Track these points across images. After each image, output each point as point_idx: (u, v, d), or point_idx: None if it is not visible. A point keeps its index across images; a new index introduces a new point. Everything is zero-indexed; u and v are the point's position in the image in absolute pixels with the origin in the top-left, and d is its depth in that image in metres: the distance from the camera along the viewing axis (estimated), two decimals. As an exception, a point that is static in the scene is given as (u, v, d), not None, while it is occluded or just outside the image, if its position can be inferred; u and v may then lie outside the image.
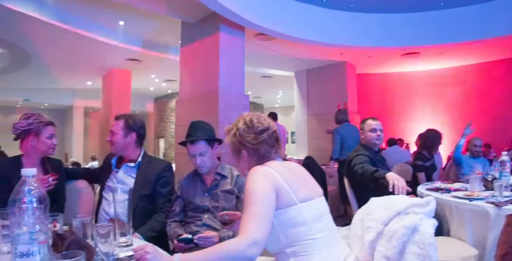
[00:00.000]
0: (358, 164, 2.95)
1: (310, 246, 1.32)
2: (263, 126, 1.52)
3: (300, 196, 1.36)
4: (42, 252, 0.77)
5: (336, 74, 9.14)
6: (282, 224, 1.33)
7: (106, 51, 8.27)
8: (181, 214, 2.19)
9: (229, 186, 2.13)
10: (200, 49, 5.80)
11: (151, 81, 12.05)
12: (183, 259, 1.16)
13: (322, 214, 1.42)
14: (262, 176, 1.34)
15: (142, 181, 2.25)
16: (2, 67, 10.34)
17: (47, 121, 2.24)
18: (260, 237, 1.18)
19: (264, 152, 1.50)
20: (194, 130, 2.19)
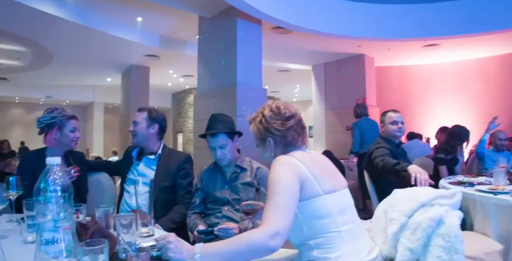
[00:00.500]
0: (379, 157, 2.91)
1: (335, 238, 1.30)
2: (290, 112, 1.49)
3: (325, 187, 1.33)
4: (66, 239, 0.78)
5: (354, 67, 9.00)
6: (306, 215, 1.31)
7: (125, 47, 8.37)
8: (201, 206, 2.20)
9: (248, 179, 2.13)
10: (217, 44, 5.80)
11: (169, 77, 12.15)
12: (204, 249, 1.16)
13: (347, 207, 1.40)
14: (287, 166, 1.32)
15: (163, 172, 2.28)
16: (25, 65, 10.59)
17: (70, 115, 2.28)
18: (282, 228, 1.16)
19: (291, 139, 1.47)
20: (214, 123, 2.18)
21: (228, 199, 2.11)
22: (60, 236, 0.78)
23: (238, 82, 5.33)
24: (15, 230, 1.55)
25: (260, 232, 1.16)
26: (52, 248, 0.77)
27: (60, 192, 0.91)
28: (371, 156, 3.05)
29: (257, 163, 2.25)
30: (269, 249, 1.14)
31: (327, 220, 1.31)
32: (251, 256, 1.20)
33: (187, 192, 2.29)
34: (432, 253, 1.30)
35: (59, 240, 0.78)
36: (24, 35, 7.70)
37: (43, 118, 2.23)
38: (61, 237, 0.78)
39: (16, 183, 1.64)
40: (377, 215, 1.54)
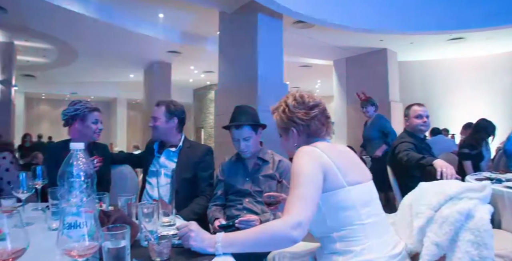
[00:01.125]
0: (403, 152, 2.84)
1: (358, 231, 1.27)
2: (314, 101, 1.46)
3: (349, 179, 1.29)
4: (89, 224, 0.78)
5: (376, 62, 8.84)
6: (329, 207, 1.28)
7: (147, 44, 8.49)
8: (222, 198, 2.20)
9: (270, 171, 2.11)
10: (238, 39, 5.79)
11: (191, 73, 12.25)
12: (225, 238, 1.15)
13: (371, 199, 1.35)
14: (310, 157, 1.29)
15: (184, 165, 2.29)
16: (51, 62, 10.89)
17: (93, 107, 2.32)
18: (305, 219, 1.14)
19: (315, 129, 1.43)
20: (239, 115, 2.17)
21: (249, 191, 2.09)
22: (83, 221, 0.78)
23: (259, 77, 5.31)
24: (40, 217, 1.60)
25: (282, 223, 1.14)
26: (74, 232, 0.77)
27: (83, 177, 0.92)
28: (394, 151, 2.99)
29: (279, 155, 2.23)
30: (290, 240, 1.12)
31: (351, 212, 1.27)
32: (273, 246, 1.19)
33: (208, 184, 2.29)
34: (460, 248, 1.25)
35: (81, 225, 0.78)
36: (50, 33, 7.90)
37: (67, 110, 2.28)
38: (84, 221, 0.78)
39: (41, 173, 1.68)
40: (402, 208, 1.50)
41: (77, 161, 0.92)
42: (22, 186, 1.54)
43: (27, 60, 10.67)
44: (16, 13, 6.64)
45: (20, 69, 11.20)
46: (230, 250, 1.14)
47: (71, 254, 0.76)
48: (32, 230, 1.40)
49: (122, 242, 0.86)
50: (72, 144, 0.95)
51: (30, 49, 9.45)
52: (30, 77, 13.01)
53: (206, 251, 1.14)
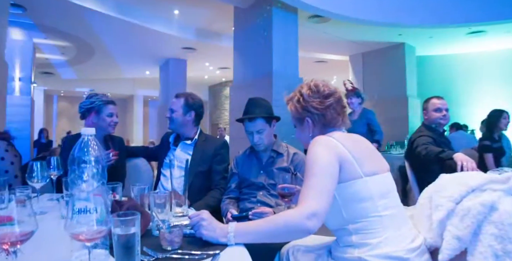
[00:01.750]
0: (421, 145, 2.77)
1: (375, 223, 1.22)
2: (329, 90, 1.41)
3: (365, 169, 1.25)
4: (99, 210, 0.77)
5: (394, 57, 8.68)
6: (345, 198, 1.24)
7: (163, 40, 8.53)
8: (236, 191, 2.18)
9: (285, 164, 2.08)
10: (253, 34, 5.76)
11: (206, 69, 12.28)
12: (238, 228, 1.13)
13: (388, 191, 1.30)
14: (325, 146, 1.25)
15: (199, 158, 2.28)
16: (69, 59, 11.06)
17: (108, 99, 2.33)
18: (320, 209, 1.11)
19: (330, 118, 1.39)
20: (252, 107, 2.14)
21: (263, 184, 2.07)
22: (93, 206, 0.77)
23: (274, 72, 5.27)
24: (55, 207, 1.62)
25: (297, 212, 1.11)
26: (84, 217, 0.76)
27: (94, 163, 0.90)
28: (412, 145, 2.92)
29: (294, 148, 2.19)
30: (305, 230, 1.09)
31: (368, 203, 1.23)
32: (286, 237, 1.16)
33: (222, 177, 2.28)
34: (482, 242, 1.20)
35: (91, 210, 0.76)
36: (68, 31, 8.03)
37: (83, 103, 2.30)
38: (94, 207, 0.76)
39: (57, 163, 1.68)
40: (421, 201, 1.44)
41: (87, 147, 0.91)
42: (37, 175, 1.55)
43: (46, 57, 10.84)
44: (35, 11, 6.75)
45: (39, 67, 11.40)
46: (242, 240, 1.11)
47: (80, 238, 0.75)
48: (45, 218, 1.41)
49: (132, 229, 0.84)
50: (83, 129, 0.94)
51: (49, 47, 9.61)
52: (49, 74, 13.25)
53: (218, 240, 1.11)
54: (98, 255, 0.90)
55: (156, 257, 0.97)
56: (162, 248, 1.05)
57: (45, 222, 1.34)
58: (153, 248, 1.03)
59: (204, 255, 0.98)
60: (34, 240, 1.13)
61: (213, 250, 1.02)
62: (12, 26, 7.54)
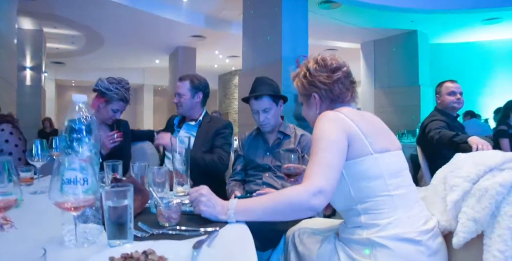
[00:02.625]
0: (434, 130, 2.68)
1: (385, 203, 1.15)
2: (337, 63, 1.34)
3: (376, 146, 1.18)
4: (90, 181, 0.72)
5: (406, 45, 8.48)
6: (353, 176, 1.17)
7: (172, 28, 8.47)
8: (241, 174, 2.13)
9: (292, 145, 2.01)
10: (262, 20, 5.66)
11: (215, 58, 12.19)
12: (239, 204, 1.07)
13: (400, 169, 1.23)
14: (333, 121, 1.18)
15: (202, 138, 2.24)
16: (79, 49, 11.08)
17: (123, 97, 2.26)
18: (326, 186, 1.04)
19: (338, 93, 1.31)
20: (258, 85, 2.08)
21: (269, 166, 2.01)
22: (82, 176, 0.71)
23: (284, 58, 5.18)
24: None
25: (302, 189, 1.04)
26: (72, 188, 0.71)
27: (86, 131, 0.85)
28: (425, 130, 2.83)
29: (302, 130, 2.13)
30: (310, 208, 1.03)
31: (377, 182, 1.16)
32: (290, 215, 1.08)
33: (223, 150, 2.23)
34: (501, 224, 1.12)
35: (81, 181, 0.71)
36: (77, 20, 8.01)
37: (102, 83, 2.24)
38: (84, 177, 0.71)
39: (59, 144, 1.65)
40: (435, 182, 1.36)
41: (79, 115, 0.85)
42: (37, 154, 1.51)
43: (57, 47, 10.87)
44: (44, 0, 6.73)
45: (50, 56, 11.45)
46: (243, 217, 1.05)
47: (65, 206, 0.70)
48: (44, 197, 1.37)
49: (125, 202, 0.79)
50: (74, 96, 0.89)
51: (59, 36, 9.62)
52: (60, 64, 13.31)
53: (217, 218, 1.06)
54: (90, 230, 0.86)
55: (151, 233, 0.92)
56: (159, 224, 1.01)
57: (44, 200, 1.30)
58: (149, 224, 0.98)
59: (202, 232, 0.93)
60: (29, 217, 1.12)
61: (212, 227, 0.97)
62: (22, 16, 7.54)
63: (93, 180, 0.73)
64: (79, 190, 0.71)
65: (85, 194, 0.71)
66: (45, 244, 0.83)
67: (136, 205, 1.09)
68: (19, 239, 0.89)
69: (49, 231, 0.93)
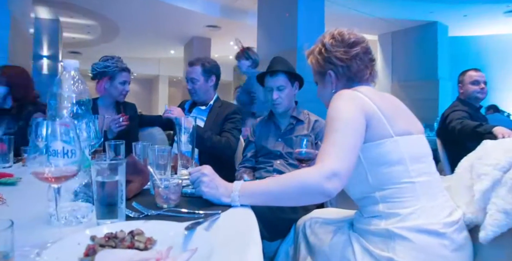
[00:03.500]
0: (456, 120, 2.55)
1: (407, 190, 1.04)
2: (356, 37, 1.22)
3: (397, 128, 1.06)
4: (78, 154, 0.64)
5: (425, 37, 8.24)
6: (372, 160, 1.06)
7: (187, 18, 8.40)
8: (252, 161, 2.05)
9: (305, 131, 1.92)
10: (278, 10, 5.54)
11: (230, 49, 12.06)
12: (245, 187, 0.97)
13: (423, 155, 1.12)
14: (350, 100, 1.07)
15: (212, 123, 2.18)
16: (95, 38, 11.11)
17: (123, 66, 2.23)
18: (342, 169, 0.93)
19: (356, 70, 1.20)
20: (274, 63, 2.01)
21: (281, 152, 1.92)
22: (70, 148, 0.63)
23: (299, 47, 5.06)
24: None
25: (315, 171, 0.93)
26: (59, 161, 0.63)
27: (76, 99, 0.77)
28: (446, 120, 2.69)
29: (316, 116, 2.03)
30: (323, 192, 0.92)
31: (398, 167, 1.05)
32: (301, 200, 0.98)
33: (231, 134, 2.15)
34: (535, 217, 1.01)
35: (69, 153, 0.63)
36: (93, 9, 8.01)
37: (97, 65, 2.21)
38: (70, 148, 0.63)
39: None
40: (459, 171, 1.25)
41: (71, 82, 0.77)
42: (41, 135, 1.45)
43: (73, 37, 10.92)
44: (60, -11, 6.73)
45: (66, 46, 11.51)
46: (249, 201, 0.95)
47: (44, 177, 0.62)
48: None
49: (115, 177, 0.71)
50: (65, 61, 0.80)
51: (75, 26, 9.65)
52: (76, 54, 13.39)
53: (220, 200, 0.96)
54: (80, 208, 0.78)
55: (146, 214, 0.84)
56: (157, 206, 0.93)
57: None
58: (145, 204, 0.90)
59: (202, 215, 0.84)
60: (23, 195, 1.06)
61: (213, 210, 0.88)
62: (39, 5, 7.57)
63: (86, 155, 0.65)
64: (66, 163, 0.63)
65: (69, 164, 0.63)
66: (31, 221, 0.77)
67: (134, 186, 1.02)
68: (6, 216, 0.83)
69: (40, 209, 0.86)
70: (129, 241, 0.58)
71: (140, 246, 0.58)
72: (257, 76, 2.06)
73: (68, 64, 0.80)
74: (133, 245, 0.58)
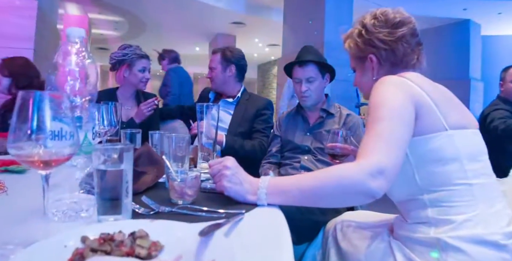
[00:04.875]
0: (498, 119, 2.36)
1: (462, 193, 0.88)
2: (402, 17, 1.06)
3: (450, 120, 0.91)
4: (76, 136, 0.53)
5: (457, 36, 7.90)
6: (421, 157, 0.91)
7: (212, 14, 8.34)
8: (277, 156, 1.90)
9: (336, 126, 1.76)
10: (305, 6, 5.39)
11: (255, 46, 12.01)
12: (274, 183, 0.83)
13: (480, 153, 0.96)
14: (396, 86, 0.92)
15: (240, 117, 2.05)
16: (122, 35, 11.24)
17: (142, 53, 2.15)
18: (389, 165, 0.78)
19: (401, 54, 1.04)
20: (304, 53, 1.84)
21: (309, 148, 1.77)
22: (70, 130, 0.52)
23: (326, 43, 4.89)
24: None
25: (357, 167, 0.78)
26: (58, 143, 0.52)
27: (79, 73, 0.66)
28: (486, 120, 2.49)
29: (348, 110, 1.88)
30: (366, 192, 0.77)
31: (453, 166, 0.89)
32: (339, 200, 0.83)
33: (264, 135, 2.04)
34: None
35: (68, 135, 0.52)
36: (121, 5, 8.06)
37: (115, 54, 2.15)
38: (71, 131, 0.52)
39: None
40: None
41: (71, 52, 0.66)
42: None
43: (101, 33, 11.07)
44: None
45: (95, 42, 11.70)
46: (278, 200, 0.81)
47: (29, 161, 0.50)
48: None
49: (121, 165, 0.59)
50: (69, 29, 0.69)
51: (103, 22, 9.77)
52: (104, 50, 13.60)
53: (244, 198, 0.82)
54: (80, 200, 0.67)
55: (156, 211, 0.72)
56: (172, 201, 0.81)
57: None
58: (156, 200, 0.77)
59: (222, 214, 0.71)
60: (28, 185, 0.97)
61: (236, 210, 0.74)
62: (68, 1, 7.67)
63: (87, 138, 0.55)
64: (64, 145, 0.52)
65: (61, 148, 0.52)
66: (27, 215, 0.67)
67: (148, 178, 0.90)
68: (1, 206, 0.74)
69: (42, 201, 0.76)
70: (128, 245, 0.46)
71: (141, 253, 0.46)
72: (284, 66, 1.89)
73: (71, 32, 0.68)
74: (133, 252, 0.46)
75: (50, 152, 0.51)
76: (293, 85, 1.85)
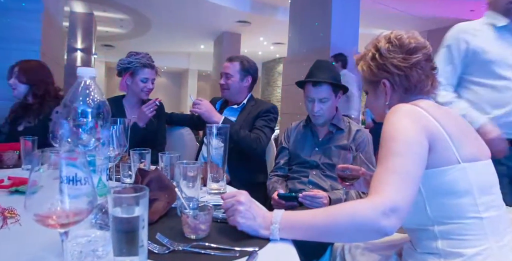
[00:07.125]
0: None
1: (473, 227, 0.89)
2: (417, 42, 1.05)
3: (464, 152, 0.91)
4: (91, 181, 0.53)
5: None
6: (433, 189, 0.91)
7: (218, 13, 8.34)
8: (284, 168, 1.89)
9: (345, 141, 1.75)
10: (310, 6, 5.35)
11: (260, 44, 11.99)
12: (287, 218, 0.84)
13: (492, 185, 0.96)
14: (410, 117, 0.91)
15: (243, 120, 2.06)
16: (127, 32, 11.25)
17: (146, 63, 2.13)
18: (401, 203, 0.79)
19: (416, 81, 1.02)
20: (318, 71, 1.79)
21: (317, 163, 1.76)
22: (85, 176, 0.53)
23: (332, 45, 4.86)
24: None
25: (370, 205, 0.79)
26: (73, 189, 0.52)
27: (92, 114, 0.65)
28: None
29: (357, 125, 1.86)
30: (379, 231, 0.77)
31: (465, 199, 0.89)
32: (352, 237, 0.85)
33: (262, 132, 2.01)
34: None
35: (82, 181, 0.53)
36: (126, 3, 8.05)
37: (122, 61, 2.14)
38: (83, 176, 0.53)
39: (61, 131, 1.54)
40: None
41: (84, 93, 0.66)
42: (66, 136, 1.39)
43: (106, 30, 11.09)
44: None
45: (100, 39, 11.71)
46: (290, 235, 0.82)
47: (48, 223, 0.51)
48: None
49: (136, 211, 0.59)
50: (80, 69, 0.69)
51: (108, 20, 9.78)
52: (109, 47, 13.64)
53: (257, 233, 0.83)
54: (96, 239, 0.67)
55: (172, 249, 0.72)
56: (184, 235, 0.81)
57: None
58: (170, 236, 0.78)
59: (236, 253, 0.72)
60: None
61: (249, 247, 0.75)
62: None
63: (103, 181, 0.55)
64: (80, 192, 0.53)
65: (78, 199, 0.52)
66: (40, 251, 0.67)
67: (160, 205, 0.91)
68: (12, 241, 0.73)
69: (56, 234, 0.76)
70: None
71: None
72: (296, 82, 1.86)
73: (82, 72, 0.68)
74: None
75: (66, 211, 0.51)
76: (305, 101, 1.83)
